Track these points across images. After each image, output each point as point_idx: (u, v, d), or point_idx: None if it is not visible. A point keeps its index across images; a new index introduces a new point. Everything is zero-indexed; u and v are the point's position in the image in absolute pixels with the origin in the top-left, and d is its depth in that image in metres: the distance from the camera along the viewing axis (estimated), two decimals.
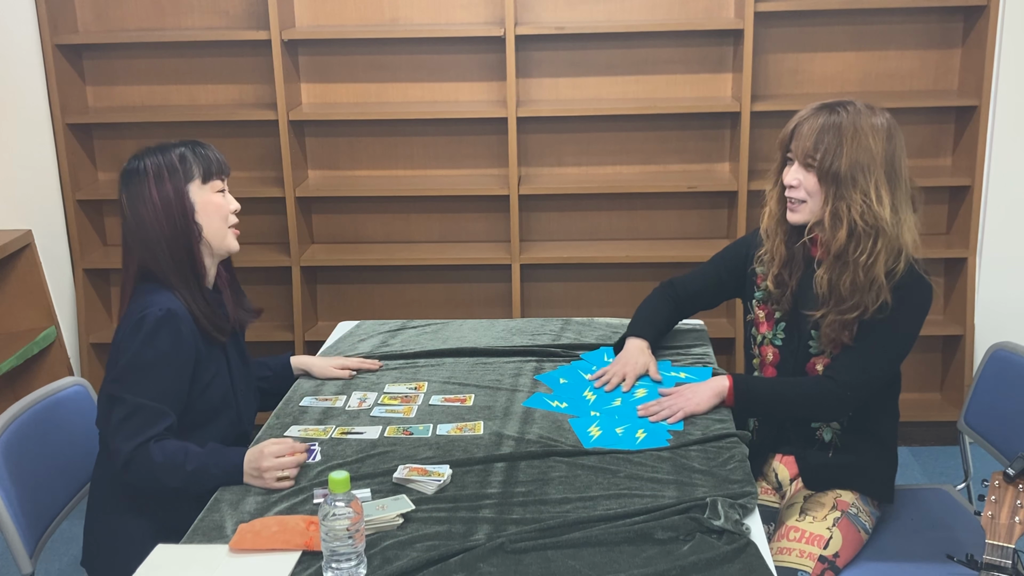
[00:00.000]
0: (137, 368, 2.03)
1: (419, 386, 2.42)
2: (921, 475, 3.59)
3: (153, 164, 2.11)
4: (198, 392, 2.12)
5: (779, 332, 2.28)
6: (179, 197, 2.11)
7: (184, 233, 2.11)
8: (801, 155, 2.11)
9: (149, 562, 1.74)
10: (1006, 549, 1.80)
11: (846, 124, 2.07)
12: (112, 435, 2.02)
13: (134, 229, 2.12)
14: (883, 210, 2.07)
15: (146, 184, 2.10)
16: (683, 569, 1.64)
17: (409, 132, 3.77)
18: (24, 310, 3.59)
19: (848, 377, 2.14)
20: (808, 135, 2.09)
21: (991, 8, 3.38)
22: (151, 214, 2.09)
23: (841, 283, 2.10)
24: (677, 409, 2.19)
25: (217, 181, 2.16)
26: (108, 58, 3.75)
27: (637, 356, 2.40)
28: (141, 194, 2.10)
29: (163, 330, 2.04)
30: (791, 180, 2.14)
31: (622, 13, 3.63)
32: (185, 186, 2.11)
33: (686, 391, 2.24)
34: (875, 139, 2.07)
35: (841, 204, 2.08)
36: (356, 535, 1.63)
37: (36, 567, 2.07)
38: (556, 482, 1.93)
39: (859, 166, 2.06)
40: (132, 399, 2.01)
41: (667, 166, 3.78)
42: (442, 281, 3.92)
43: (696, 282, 2.51)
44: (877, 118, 2.10)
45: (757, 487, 1.98)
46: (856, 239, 2.08)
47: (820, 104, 2.13)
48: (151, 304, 2.07)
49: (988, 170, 3.54)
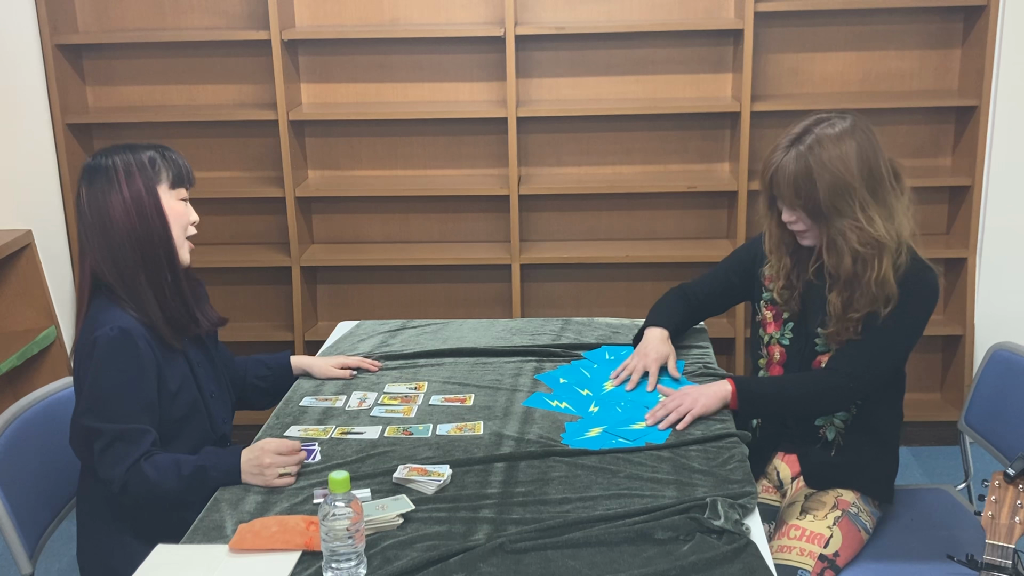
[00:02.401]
0: (102, 395, 1.99)
1: (419, 386, 2.42)
2: (921, 475, 3.59)
3: (123, 161, 2.05)
4: (166, 403, 2.08)
5: (787, 332, 2.28)
6: (151, 195, 2.05)
7: (158, 229, 2.05)
8: (785, 200, 2.14)
9: (149, 562, 1.74)
10: (1006, 549, 1.80)
11: (812, 157, 2.07)
12: (99, 466, 1.99)
13: (95, 228, 2.04)
14: (877, 228, 2.08)
15: (115, 180, 2.03)
16: (683, 569, 1.64)
17: (409, 132, 3.77)
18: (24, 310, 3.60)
19: (852, 367, 2.14)
20: (784, 180, 2.10)
21: (991, 8, 3.38)
22: (120, 211, 2.03)
23: (855, 299, 2.12)
24: (685, 411, 2.17)
25: (182, 189, 2.12)
26: (108, 58, 3.75)
27: (658, 346, 2.39)
28: (108, 190, 2.03)
29: (117, 351, 1.99)
30: (787, 218, 2.17)
31: (622, 13, 3.63)
32: (156, 187, 2.07)
33: (691, 392, 2.21)
34: (845, 165, 2.06)
35: (837, 236, 2.10)
36: (356, 535, 1.63)
37: (36, 567, 2.07)
38: (556, 482, 1.93)
39: (837, 194, 2.07)
40: (108, 427, 1.97)
41: (667, 166, 3.78)
42: (442, 281, 3.92)
43: (707, 286, 2.51)
44: (839, 127, 2.09)
45: (757, 487, 1.98)
46: (861, 262, 2.10)
47: (788, 139, 2.12)
48: (101, 324, 2.01)
49: (988, 170, 3.54)
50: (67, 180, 3.66)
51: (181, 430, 2.11)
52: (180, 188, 2.11)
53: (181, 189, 2.11)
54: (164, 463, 1.97)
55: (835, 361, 2.18)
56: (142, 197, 2.04)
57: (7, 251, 3.45)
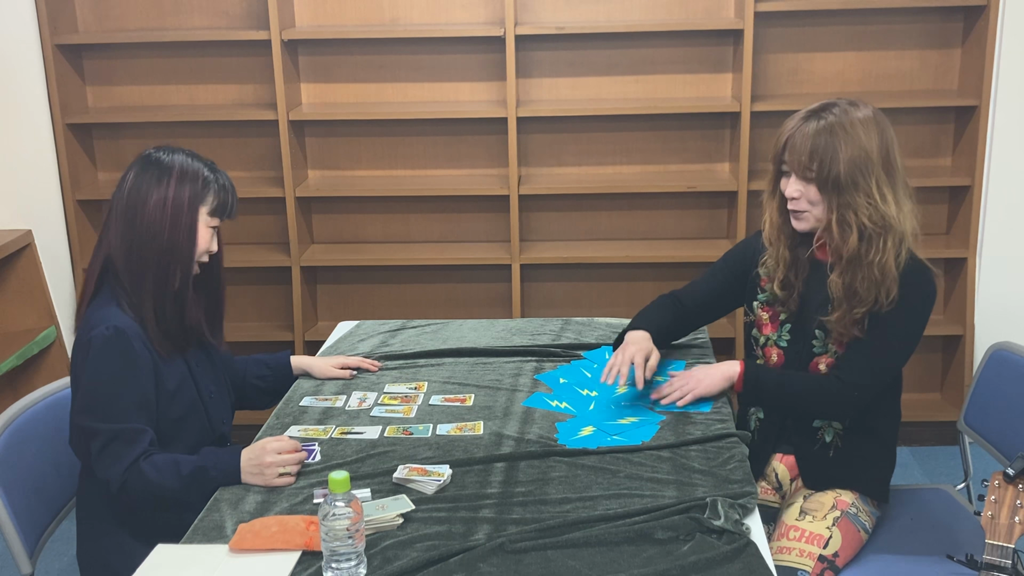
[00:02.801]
0: (98, 394, 1.99)
1: (419, 386, 2.42)
2: (921, 475, 3.59)
3: (181, 165, 2.06)
4: (164, 403, 2.08)
5: (784, 334, 2.27)
6: (191, 210, 2.06)
7: (183, 244, 2.06)
8: (798, 168, 2.10)
9: (149, 562, 1.74)
10: (1006, 549, 1.80)
11: (836, 126, 2.06)
12: (97, 465, 2.00)
13: (125, 213, 2.04)
14: (888, 207, 2.07)
15: (166, 179, 2.04)
16: (683, 569, 1.64)
17: (409, 132, 3.77)
18: (24, 310, 3.60)
19: (856, 378, 2.14)
20: (801, 146, 2.08)
21: (991, 8, 3.38)
22: (156, 209, 2.03)
23: (857, 283, 2.10)
24: (688, 391, 2.21)
25: (218, 219, 2.13)
26: (108, 58, 3.75)
27: (639, 341, 2.30)
28: (155, 185, 2.03)
29: (112, 350, 1.99)
30: (792, 192, 2.13)
31: (622, 13, 3.63)
32: (198, 207, 2.08)
33: (697, 372, 2.25)
34: (867, 135, 2.06)
35: (847, 211, 2.07)
36: (356, 535, 1.63)
37: (36, 567, 2.07)
38: (556, 482, 1.93)
39: (857, 167, 2.05)
40: (105, 427, 1.97)
41: (667, 166, 3.78)
42: (442, 281, 3.92)
43: (699, 290, 2.45)
44: (863, 112, 2.09)
45: (757, 487, 1.98)
46: (868, 241, 2.08)
47: (806, 112, 2.12)
48: (97, 323, 2.01)
49: (988, 170, 3.54)
50: (67, 180, 3.66)
51: (179, 430, 2.11)
52: (217, 218, 2.12)
53: (217, 219, 2.12)
54: (163, 463, 1.97)
55: (838, 369, 2.17)
56: (182, 207, 2.05)
57: (7, 251, 3.45)
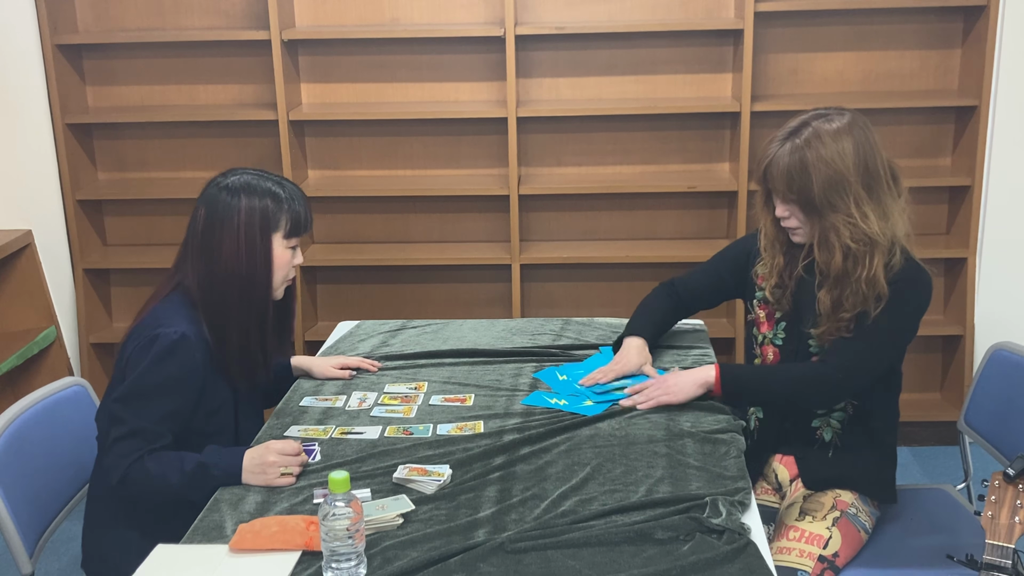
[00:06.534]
0: (142, 391, 2.01)
1: (419, 386, 2.42)
2: (921, 475, 3.59)
3: (247, 207, 2.08)
4: (201, 417, 2.11)
5: (779, 332, 2.28)
6: (265, 243, 2.10)
7: (261, 276, 2.10)
8: (779, 192, 2.14)
9: (149, 562, 1.74)
10: (1006, 549, 1.80)
11: (807, 150, 2.06)
12: (107, 452, 2.02)
13: (201, 254, 2.09)
14: (871, 225, 2.07)
15: (234, 223, 2.07)
16: (683, 569, 1.64)
17: (409, 132, 3.77)
18: (24, 310, 3.60)
19: (841, 360, 2.13)
20: (779, 177, 2.10)
21: (991, 8, 3.38)
22: (230, 252, 2.07)
23: (844, 298, 2.11)
24: (650, 399, 2.22)
25: (296, 238, 2.15)
26: (108, 58, 3.75)
27: (633, 356, 2.39)
28: (224, 229, 2.07)
29: (174, 355, 2.02)
30: (780, 213, 2.17)
31: (622, 13, 3.63)
32: (271, 236, 2.10)
33: (668, 379, 2.26)
34: (841, 153, 2.06)
35: (828, 232, 2.09)
36: (356, 535, 1.63)
37: (36, 567, 2.07)
38: (554, 478, 1.93)
39: (833, 188, 2.06)
40: (133, 421, 2.00)
41: (667, 166, 3.78)
42: (442, 281, 3.92)
43: (696, 280, 2.51)
44: (836, 123, 2.08)
45: (755, 486, 1.98)
46: (852, 259, 2.09)
47: (783, 134, 2.12)
48: (168, 323, 2.04)
49: (988, 170, 3.54)
50: (67, 180, 3.66)
51: (203, 446, 2.11)
52: (294, 237, 2.14)
53: (295, 238, 2.15)
54: (167, 458, 1.99)
55: (826, 354, 2.18)
56: (255, 245, 2.09)
57: (7, 251, 3.45)
